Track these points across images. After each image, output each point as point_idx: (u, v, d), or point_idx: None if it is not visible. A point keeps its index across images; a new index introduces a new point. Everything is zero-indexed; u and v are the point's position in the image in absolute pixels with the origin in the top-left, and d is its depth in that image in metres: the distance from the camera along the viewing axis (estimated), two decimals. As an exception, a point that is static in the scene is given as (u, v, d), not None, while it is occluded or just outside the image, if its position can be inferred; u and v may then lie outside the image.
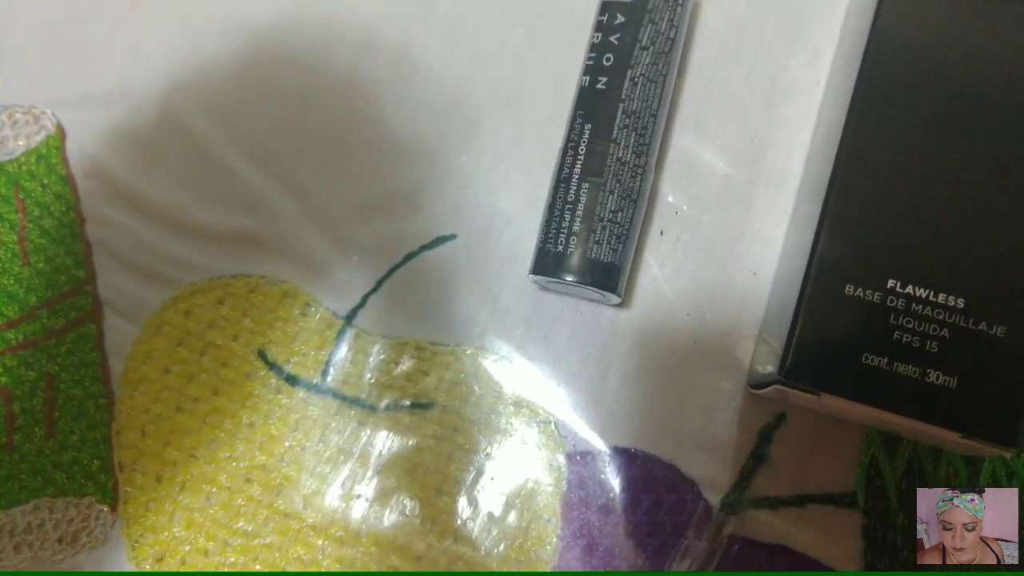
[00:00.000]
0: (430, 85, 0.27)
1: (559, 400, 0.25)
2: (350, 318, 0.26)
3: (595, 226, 0.22)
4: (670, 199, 0.25)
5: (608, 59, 0.23)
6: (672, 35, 0.23)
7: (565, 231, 0.22)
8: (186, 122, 0.27)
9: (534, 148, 0.26)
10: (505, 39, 0.27)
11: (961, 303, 0.19)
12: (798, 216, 0.24)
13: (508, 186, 0.26)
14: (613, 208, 0.22)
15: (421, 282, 0.26)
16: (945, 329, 0.19)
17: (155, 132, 0.27)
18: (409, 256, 0.26)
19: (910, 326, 0.19)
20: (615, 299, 0.23)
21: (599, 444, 0.24)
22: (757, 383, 0.23)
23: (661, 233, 0.25)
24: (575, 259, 0.22)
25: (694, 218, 0.25)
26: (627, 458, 0.24)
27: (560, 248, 0.22)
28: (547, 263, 0.23)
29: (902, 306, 0.19)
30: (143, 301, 0.27)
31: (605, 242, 0.22)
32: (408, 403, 0.25)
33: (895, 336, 0.19)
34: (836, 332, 0.19)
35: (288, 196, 0.27)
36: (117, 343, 0.26)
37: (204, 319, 0.26)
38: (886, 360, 0.19)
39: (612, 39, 0.23)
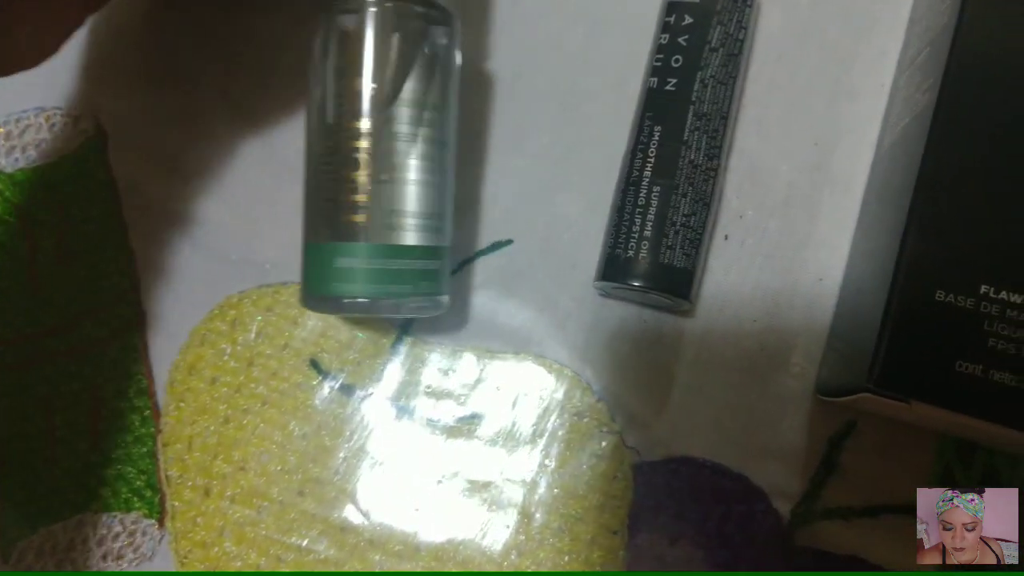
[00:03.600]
0: (486, 86, 0.26)
1: (623, 409, 0.24)
2: (406, 326, 0.25)
3: (667, 230, 0.22)
4: (734, 203, 0.24)
5: (677, 60, 0.22)
6: (741, 36, 0.23)
7: (636, 235, 0.22)
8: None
9: (594, 151, 0.25)
10: (564, 38, 0.26)
11: (1056, 309, 0.18)
12: (867, 221, 0.23)
13: (567, 190, 0.25)
14: (686, 212, 0.22)
15: (477, 288, 0.25)
16: (1042, 335, 0.18)
17: (197, 136, 0.27)
18: (465, 262, 0.25)
19: (1005, 332, 0.18)
20: (685, 305, 0.23)
21: (666, 454, 0.24)
22: (829, 390, 0.22)
23: (726, 238, 0.24)
24: (647, 264, 0.22)
25: (759, 223, 0.24)
26: (695, 468, 0.23)
27: (631, 253, 0.22)
28: (616, 269, 0.22)
29: (996, 312, 0.18)
30: (188, 310, 0.26)
31: (678, 247, 0.22)
32: (467, 412, 0.24)
33: (990, 343, 0.18)
34: (927, 339, 0.19)
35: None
36: (162, 353, 0.26)
37: (252, 328, 0.26)
38: (981, 368, 0.18)
39: (680, 40, 0.23)
